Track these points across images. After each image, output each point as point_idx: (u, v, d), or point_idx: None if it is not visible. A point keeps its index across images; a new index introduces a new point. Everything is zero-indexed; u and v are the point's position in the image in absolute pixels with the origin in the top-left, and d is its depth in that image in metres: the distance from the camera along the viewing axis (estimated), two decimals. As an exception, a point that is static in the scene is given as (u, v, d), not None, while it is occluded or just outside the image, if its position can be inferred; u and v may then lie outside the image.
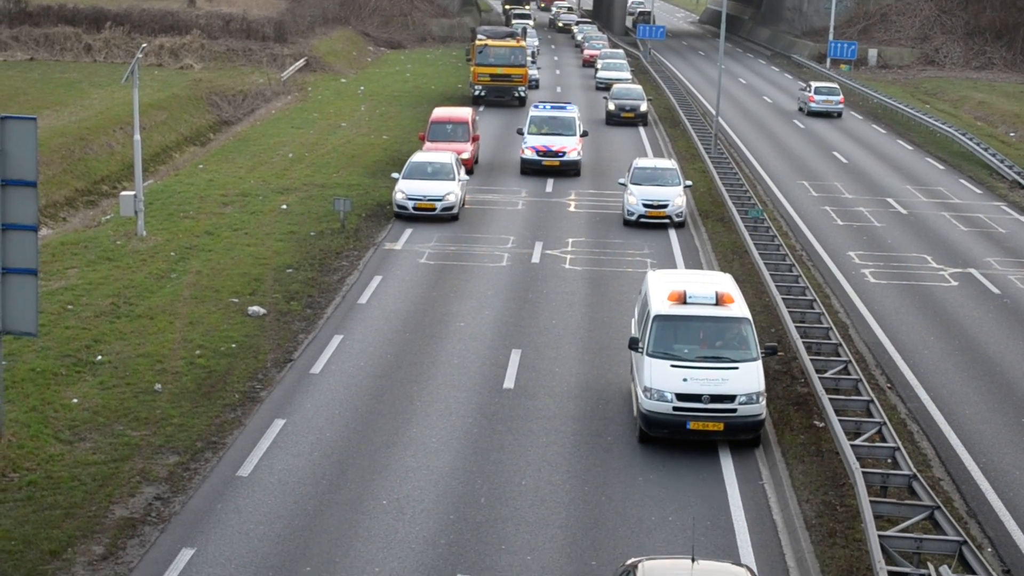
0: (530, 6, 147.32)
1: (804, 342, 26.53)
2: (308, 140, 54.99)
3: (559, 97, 70.94)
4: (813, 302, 29.75)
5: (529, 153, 47.75)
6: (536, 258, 35.77)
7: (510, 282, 33.29)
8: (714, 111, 54.64)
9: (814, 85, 71.21)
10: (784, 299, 29.73)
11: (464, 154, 45.46)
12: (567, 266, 35.08)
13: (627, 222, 40.02)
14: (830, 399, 23.24)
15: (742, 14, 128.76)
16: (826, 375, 24.70)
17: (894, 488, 20.27)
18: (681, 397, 22.15)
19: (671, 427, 22.30)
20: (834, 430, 22.07)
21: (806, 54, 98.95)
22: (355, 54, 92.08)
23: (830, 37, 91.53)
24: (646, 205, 39.84)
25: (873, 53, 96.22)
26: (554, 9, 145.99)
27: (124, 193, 37.06)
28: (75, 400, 23.89)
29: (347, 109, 65.13)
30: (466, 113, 49.44)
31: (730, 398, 22.17)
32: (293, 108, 66.15)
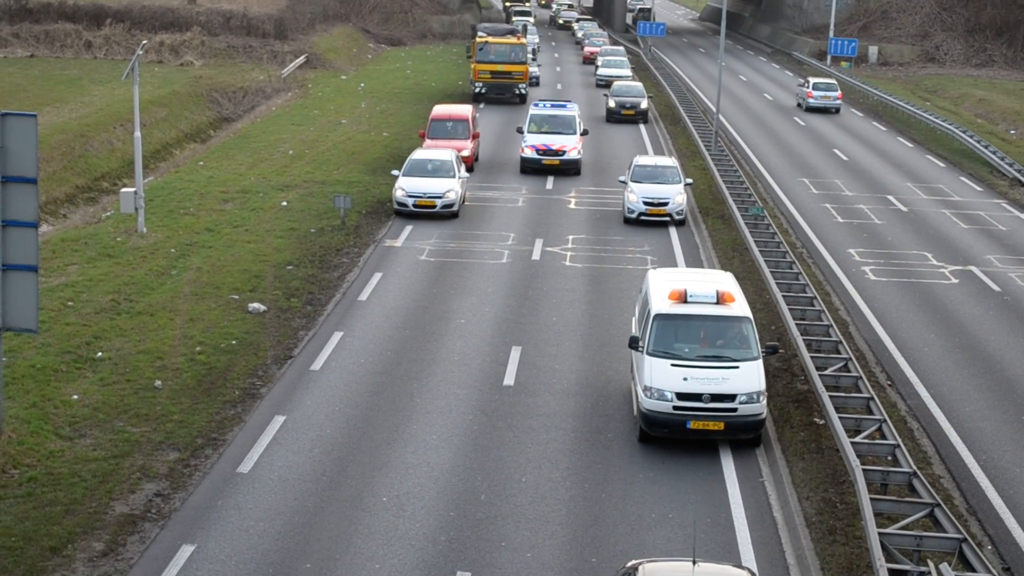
0: (531, 3, 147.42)
1: (804, 339, 26.53)
2: (308, 137, 54.99)
3: (560, 94, 70.91)
4: (813, 299, 29.74)
5: (529, 152, 47.42)
6: (536, 255, 35.76)
7: (510, 279, 33.28)
8: (715, 108, 54.62)
9: (812, 81, 71.89)
10: (784, 296, 29.73)
11: (464, 151, 45.44)
12: (567, 263, 35.07)
13: (627, 220, 39.95)
14: (830, 396, 23.24)
15: (743, 11, 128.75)
16: (826, 372, 24.71)
17: (894, 485, 20.28)
18: (681, 396, 22.07)
19: (671, 426, 22.22)
20: (834, 427, 22.07)
21: (807, 51, 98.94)
22: (355, 51, 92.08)
23: (830, 34, 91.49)
24: (647, 203, 39.66)
25: (874, 50, 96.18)
26: (555, 6, 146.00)
27: (124, 190, 37.06)
28: (75, 396, 23.90)
29: (347, 106, 65.11)
30: (466, 110, 49.39)
31: (731, 397, 22.10)
32: (293, 105, 66.13)
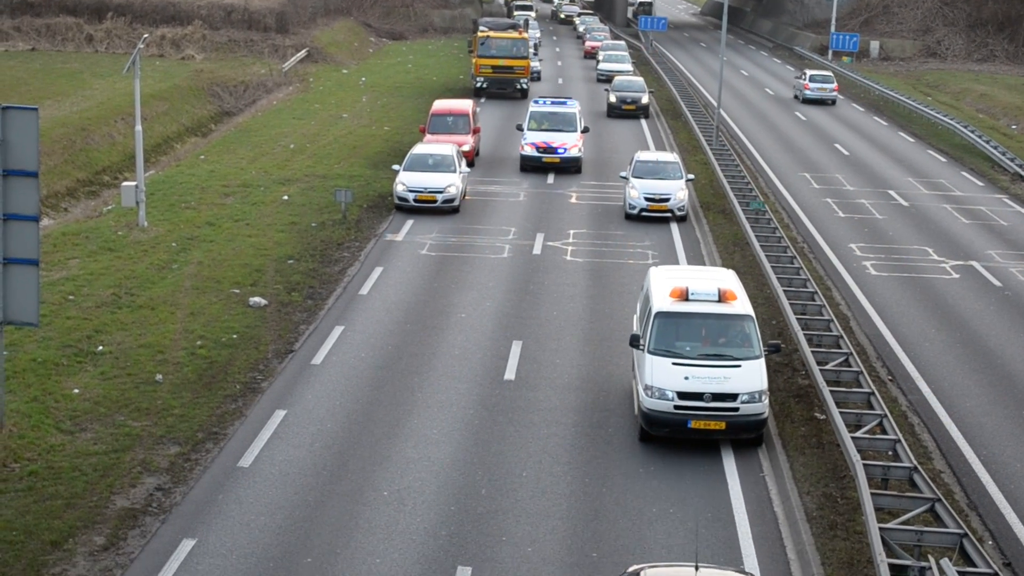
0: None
1: (805, 334, 26.54)
2: (309, 131, 54.95)
3: (561, 89, 70.86)
4: (814, 294, 29.74)
5: (529, 150, 46.90)
6: (537, 250, 35.75)
7: (511, 274, 33.27)
8: (716, 103, 54.58)
9: (808, 73, 73.24)
10: (785, 291, 29.73)
11: (465, 146, 45.36)
12: (568, 258, 35.05)
13: (628, 216, 39.88)
14: (831, 391, 23.24)
15: (744, 6, 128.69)
16: (827, 367, 24.71)
17: (895, 480, 20.30)
18: (682, 395, 21.91)
19: (672, 426, 22.07)
20: (835, 422, 22.07)
21: (808, 46, 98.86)
22: (356, 45, 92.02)
23: (832, 29, 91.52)
24: (648, 199, 39.44)
25: (875, 45, 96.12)
26: (556, 1, 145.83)
27: (125, 184, 37.04)
28: (76, 390, 23.90)
29: (348, 100, 65.08)
30: (467, 105, 49.33)
31: (732, 397, 21.93)
32: (294, 99, 66.09)
